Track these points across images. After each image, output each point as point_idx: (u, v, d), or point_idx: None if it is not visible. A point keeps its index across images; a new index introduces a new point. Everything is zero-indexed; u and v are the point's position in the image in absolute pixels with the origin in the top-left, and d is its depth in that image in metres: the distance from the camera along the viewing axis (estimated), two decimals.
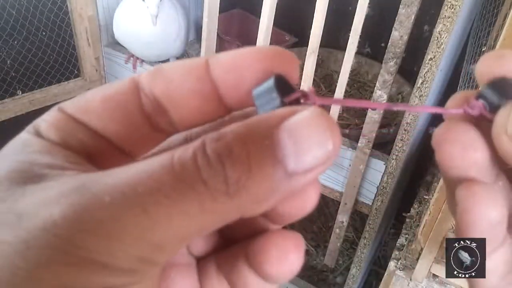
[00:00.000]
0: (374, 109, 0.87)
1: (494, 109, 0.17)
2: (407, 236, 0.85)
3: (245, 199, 0.14)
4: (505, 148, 0.16)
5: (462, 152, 0.17)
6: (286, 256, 0.17)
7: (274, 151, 0.14)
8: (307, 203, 0.17)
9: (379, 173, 0.97)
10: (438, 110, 0.18)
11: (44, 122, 0.16)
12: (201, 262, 0.20)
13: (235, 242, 0.20)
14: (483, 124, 0.17)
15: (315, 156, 0.14)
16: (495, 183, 0.18)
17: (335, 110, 0.92)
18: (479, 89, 0.17)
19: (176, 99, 0.17)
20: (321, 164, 0.14)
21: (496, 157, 0.17)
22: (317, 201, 0.17)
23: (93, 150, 0.16)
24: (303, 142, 0.14)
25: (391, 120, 1.12)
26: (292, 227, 1.39)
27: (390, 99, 1.15)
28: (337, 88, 0.90)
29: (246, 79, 0.16)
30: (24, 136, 0.16)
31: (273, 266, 0.17)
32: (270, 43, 0.93)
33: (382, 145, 0.99)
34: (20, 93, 1.10)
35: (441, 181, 0.67)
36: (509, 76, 0.17)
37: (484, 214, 0.16)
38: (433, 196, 0.71)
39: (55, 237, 0.12)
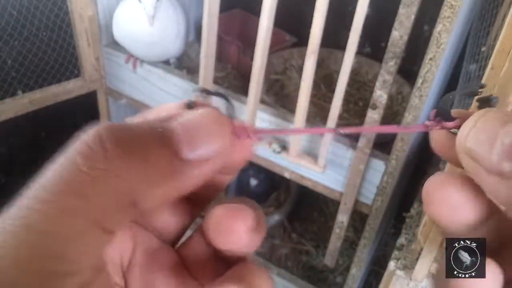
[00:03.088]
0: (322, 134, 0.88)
1: (450, 118, 0.18)
2: (407, 236, 0.85)
3: (135, 178, 0.15)
4: (464, 165, 0.16)
5: (449, 214, 0.17)
6: (225, 221, 0.18)
7: (165, 138, 0.16)
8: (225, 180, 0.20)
9: (379, 173, 0.97)
10: (402, 129, 0.19)
11: None
12: None
13: None
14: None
15: (206, 148, 0.16)
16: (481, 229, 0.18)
17: (334, 110, 0.92)
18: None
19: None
20: (213, 156, 0.16)
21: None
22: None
23: None
24: (194, 134, 0.16)
25: (391, 120, 1.12)
26: (293, 228, 1.39)
27: (390, 99, 1.15)
28: (337, 88, 0.90)
29: None
30: None
31: (218, 234, 0.18)
32: (270, 43, 0.93)
33: (382, 145, 0.99)
34: (21, 93, 1.10)
35: None
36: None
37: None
38: None
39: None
